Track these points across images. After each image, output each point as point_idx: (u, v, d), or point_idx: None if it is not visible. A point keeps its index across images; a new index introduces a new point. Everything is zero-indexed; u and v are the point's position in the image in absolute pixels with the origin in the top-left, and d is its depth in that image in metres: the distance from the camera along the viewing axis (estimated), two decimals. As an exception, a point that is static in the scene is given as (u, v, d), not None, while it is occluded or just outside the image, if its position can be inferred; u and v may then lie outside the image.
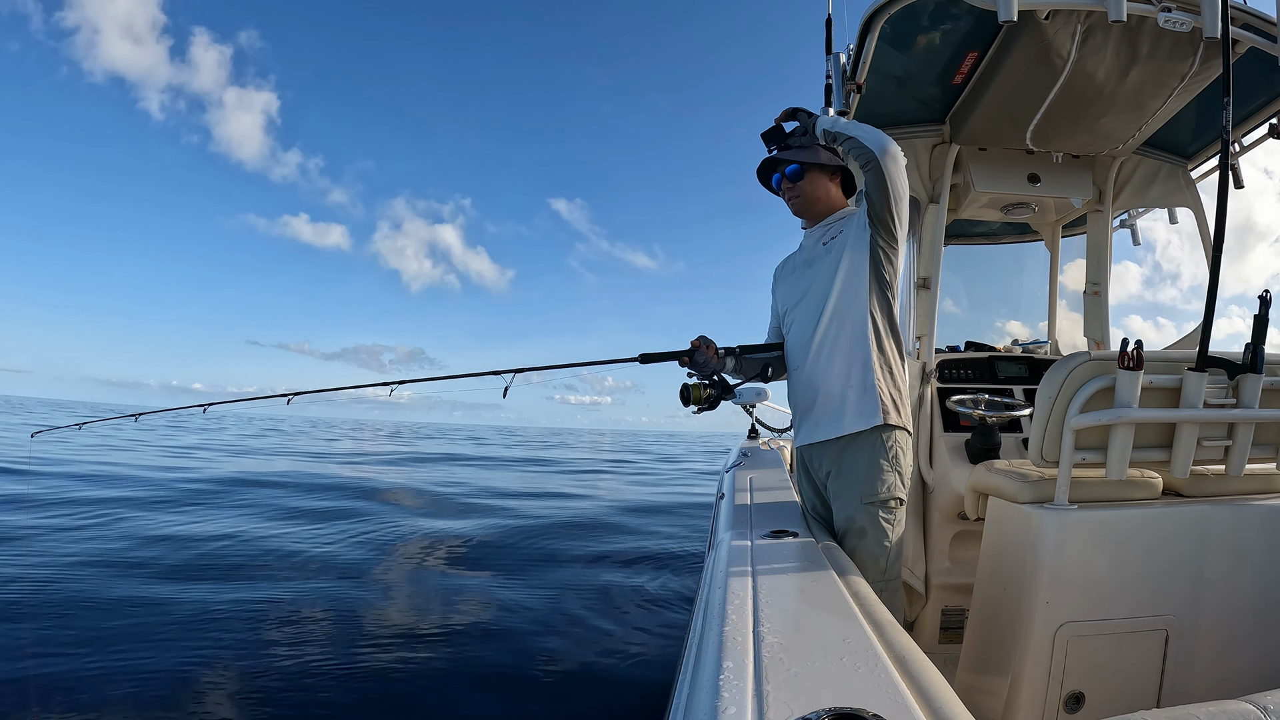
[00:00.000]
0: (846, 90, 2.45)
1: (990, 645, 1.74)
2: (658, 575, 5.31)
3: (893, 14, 2.18)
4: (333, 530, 6.76)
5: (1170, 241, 3.97)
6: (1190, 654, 1.63)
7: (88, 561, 4.95)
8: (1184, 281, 53.18)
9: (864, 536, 1.79)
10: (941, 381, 2.88)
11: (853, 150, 1.79)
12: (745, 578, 1.30)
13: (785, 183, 1.94)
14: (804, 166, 1.91)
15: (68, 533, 5.97)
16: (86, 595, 4.12)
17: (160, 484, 9.70)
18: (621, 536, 6.96)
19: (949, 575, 2.63)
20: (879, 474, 1.79)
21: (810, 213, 1.97)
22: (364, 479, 11.86)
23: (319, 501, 8.67)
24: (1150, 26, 2.02)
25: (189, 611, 3.92)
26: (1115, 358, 1.58)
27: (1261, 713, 0.80)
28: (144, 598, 4.13)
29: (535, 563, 5.64)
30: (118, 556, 5.17)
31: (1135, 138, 2.70)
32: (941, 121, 2.92)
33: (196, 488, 9.53)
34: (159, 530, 6.24)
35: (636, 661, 3.48)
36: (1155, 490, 1.76)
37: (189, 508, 7.76)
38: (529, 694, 3.15)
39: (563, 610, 4.29)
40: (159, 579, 4.61)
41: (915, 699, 0.80)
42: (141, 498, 8.26)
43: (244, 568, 5.11)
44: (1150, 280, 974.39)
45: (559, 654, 3.57)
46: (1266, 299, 1.56)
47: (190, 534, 6.15)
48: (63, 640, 3.39)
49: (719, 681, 0.84)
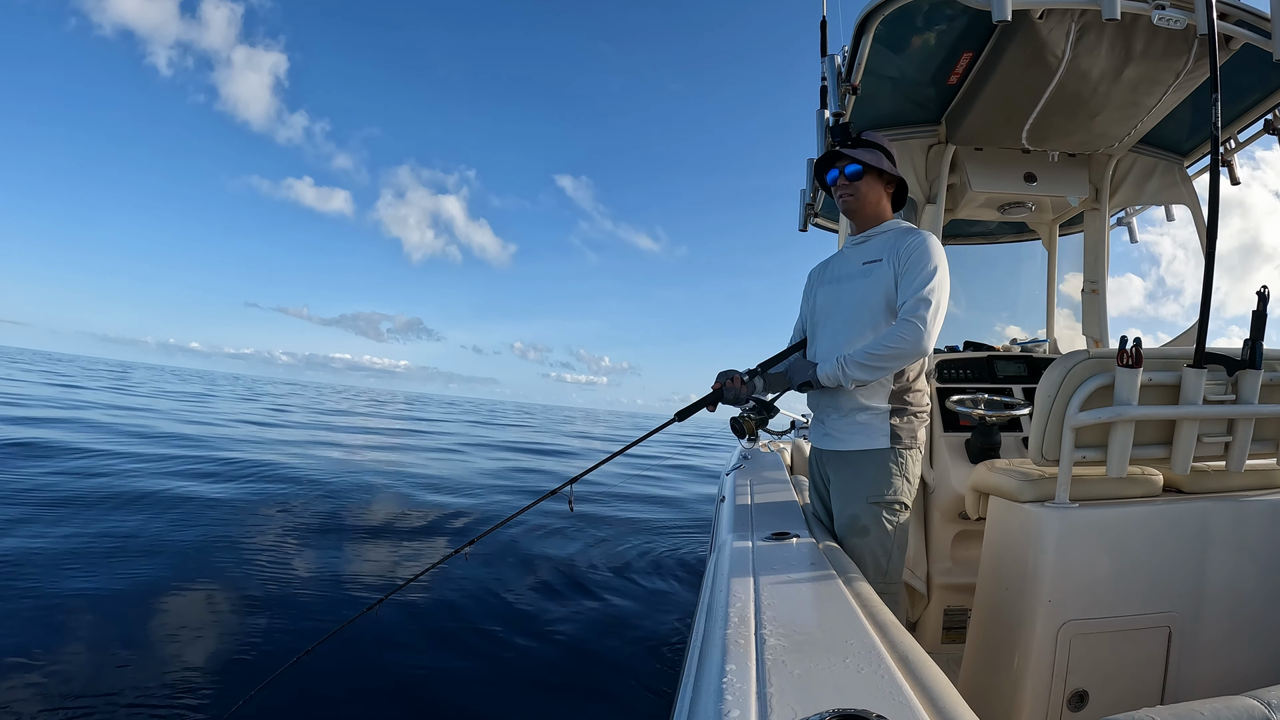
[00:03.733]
0: (842, 92, 2.46)
1: (993, 644, 1.73)
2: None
3: (887, 15, 2.19)
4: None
5: (1176, 257, 3.98)
6: (1193, 650, 1.63)
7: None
8: (1186, 299, 52.31)
9: (866, 535, 1.80)
10: (941, 381, 2.88)
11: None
12: (747, 580, 1.30)
13: (842, 179, 1.92)
14: (865, 168, 1.90)
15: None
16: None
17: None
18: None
19: (951, 575, 2.63)
20: (888, 477, 1.81)
21: (859, 215, 1.96)
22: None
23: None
24: (1144, 24, 2.03)
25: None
26: (1114, 355, 1.58)
27: (1266, 708, 0.79)
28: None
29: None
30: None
31: (1131, 135, 2.71)
32: (937, 122, 2.93)
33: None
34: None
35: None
36: (1156, 487, 1.76)
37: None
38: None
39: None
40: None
41: (919, 699, 0.80)
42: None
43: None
44: (1153, 294, 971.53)
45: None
46: (1265, 294, 1.56)
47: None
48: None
49: (722, 684, 0.84)
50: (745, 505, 2.24)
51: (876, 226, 1.95)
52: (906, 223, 1.93)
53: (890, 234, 1.90)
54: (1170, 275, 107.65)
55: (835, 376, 1.80)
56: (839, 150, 1.92)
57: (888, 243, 1.87)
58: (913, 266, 1.77)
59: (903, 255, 1.80)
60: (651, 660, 3.50)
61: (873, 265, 1.87)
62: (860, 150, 1.90)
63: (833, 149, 1.95)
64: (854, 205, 1.95)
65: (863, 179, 1.91)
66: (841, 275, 1.99)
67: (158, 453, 8.56)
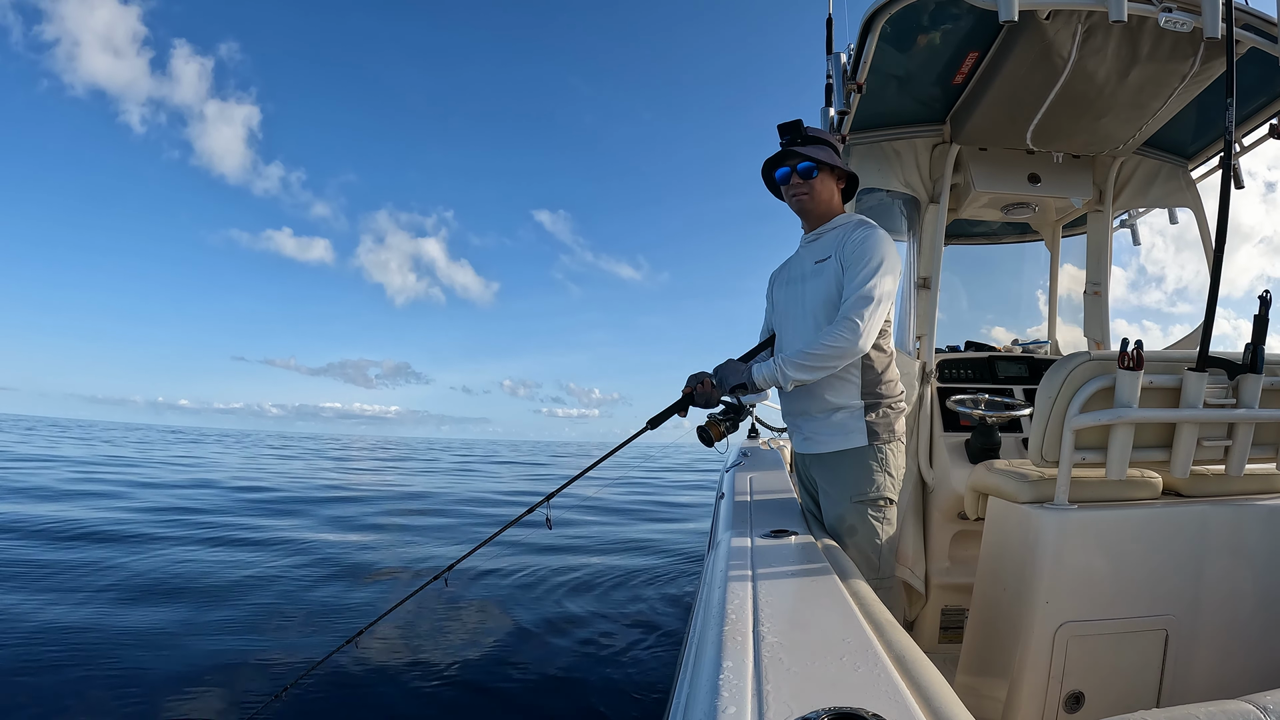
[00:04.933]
0: (847, 90, 2.46)
1: (990, 645, 1.74)
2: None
3: (893, 14, 2.18)
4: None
5: (1155, 245, 3.97)
6: (1190, 654, 1.63)
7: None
8: (1169, 285, 52.00)
9: (854, 534, 1.81)
10: (941, 381, 2.88)
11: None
12: (745, 577, 1.30)
13: (795, 178, 1.89)
14: (818, 165, 1.88)
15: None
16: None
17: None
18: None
19: (949, 575, 2.63)
20: (869, 475, 1.82)
21: (812, 213, 1.95)
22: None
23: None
24: (1151, 27, 2.02)
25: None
26: (1115, 358, 1.58)
27: (1261, 712, 0.80)
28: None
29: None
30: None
31: (1135, 138, 2.70)
32: (942, 121, 2.92)
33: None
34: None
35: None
36: (1155, 490, 1.76)
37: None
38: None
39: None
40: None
41: (915, 699, 0.80)
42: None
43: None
44: (1136, 284, 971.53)
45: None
46: (1267, 299, 1.56)
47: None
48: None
49: (719, 681, 0.84)
50: (744, 502, 2.24)
51: (828, 223, 1.93)
52: (858, 215, 1.92)
53: (839, 229, 1.88)
54: (1150, 263, 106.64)
55: (772, 378, 1.78)
56: (790, 149, 1.88)
57: (836, 238, 1.86)
58: (855, 261, 1.76)
59: (848, 250, 1.79)
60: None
61: (823, 264, 1.86)
62: (811, 147, 1.87)
63: (784, 148, 1.90)
64: (808, 204, 1.93)
65: (816, 176, 1.89)
66: (796, 276, 1.98)
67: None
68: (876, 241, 1.76)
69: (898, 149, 2.93)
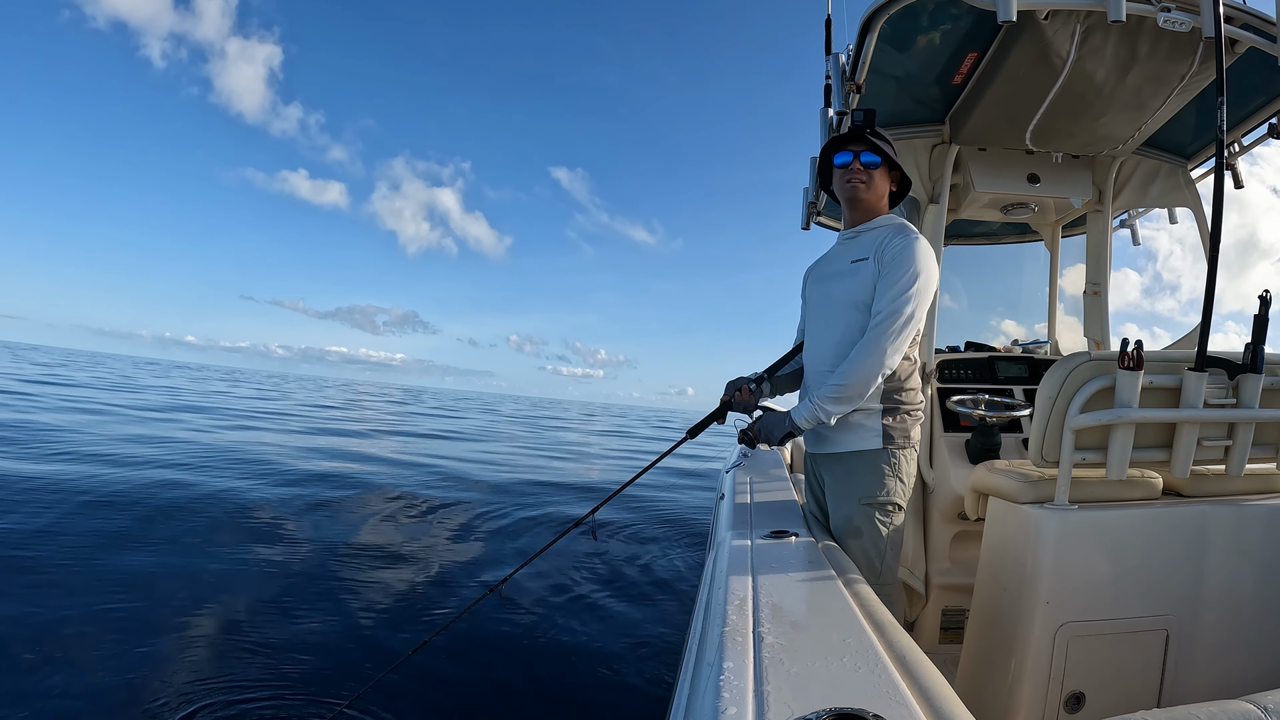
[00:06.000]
0: (846, 90, 2.45)
1: (991, 645, 1.74)
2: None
3: (892, 14, 2.18)
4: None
5: (1172, 253, 3.98)
6: (1191, 654, 1.63)
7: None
8: (1183, 294, 52.62)
9: (859, 536, 1.80)
10: (941, 381, 2.88)
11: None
12: (745, 578, 1.30)
13: (857, 164, 1.86)
14: (884, 159, 1.87)
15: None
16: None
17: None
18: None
19: (949, 575, 2.63)
20: (880, 478, 1.80)
21: (861, 205, 1.91)
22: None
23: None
24: (1150, 27, 2.02)
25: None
26: (1115, 358, 1.58)
27: (1262, 712, 0.80)
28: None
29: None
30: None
31: (1135, 138, 2.70)
32: (941, 121, 2.92)
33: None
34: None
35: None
36: (1155, 490, 1.76)
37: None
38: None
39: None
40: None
41: (916, 699, 0.80)
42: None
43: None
44: (1150, 290, 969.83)
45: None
46: (1266, 299, 1.56)
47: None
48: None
49: (719, 682, 0.84)
50: (745, 503, 2.24)
51: (870, 221, 1.90)
52: (900, 219, 1.89)
53: (881, 230, 1.85)
54: (1167, 271, 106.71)
55: (814, 418, 1.78)
56: (864, 134, 1.85)
57: (876, 240, 1.83)
58: (891, 269, 1.74)
59: (886, 257, 1.77)
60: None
61: (860, 264, 1.84)
62: (886, 143, 1.87)
63: (857, 129, 1.87)
64: (862, 193, 1.88)
65: (879, 169, 1.88)
66: (829, 273, 1.97)
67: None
68: (916, 252, 1.74)
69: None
